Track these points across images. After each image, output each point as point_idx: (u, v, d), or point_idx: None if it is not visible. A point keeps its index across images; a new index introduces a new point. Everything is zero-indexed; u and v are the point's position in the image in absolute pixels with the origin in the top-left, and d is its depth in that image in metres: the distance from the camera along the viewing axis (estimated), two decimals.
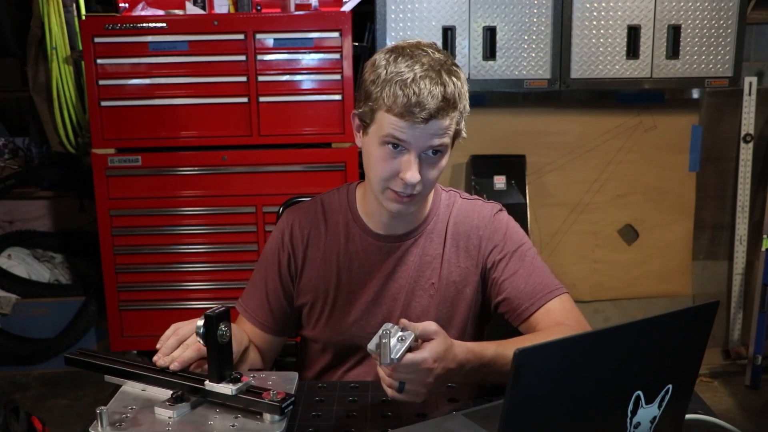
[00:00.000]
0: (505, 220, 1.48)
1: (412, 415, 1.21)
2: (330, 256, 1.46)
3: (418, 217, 1.45)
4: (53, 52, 3.19)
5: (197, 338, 1.17)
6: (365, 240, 1.45)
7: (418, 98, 1.25)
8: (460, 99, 1.30)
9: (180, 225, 3.00)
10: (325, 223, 1.48)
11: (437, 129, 1.28)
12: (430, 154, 1.30)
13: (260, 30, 2.86)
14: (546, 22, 2.99)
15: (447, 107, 1.27)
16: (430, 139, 1.28)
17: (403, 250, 1.45)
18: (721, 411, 3.00)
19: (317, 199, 1.52)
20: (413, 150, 1.29)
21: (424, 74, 1.27)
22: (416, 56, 1.29)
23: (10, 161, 3.75)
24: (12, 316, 3.38)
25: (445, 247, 1.45)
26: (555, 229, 3.40)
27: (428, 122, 1.26)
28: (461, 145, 1.40)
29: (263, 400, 1.13)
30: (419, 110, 1.25)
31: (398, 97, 1.26)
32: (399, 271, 1.44)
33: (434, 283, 1.44)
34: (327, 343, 1.49)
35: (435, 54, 1.31)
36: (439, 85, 1.26)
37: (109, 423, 1.12)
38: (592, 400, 0.91)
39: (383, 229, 1.45)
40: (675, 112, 3.33)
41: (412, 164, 1.28)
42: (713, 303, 0.98)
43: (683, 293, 3.45)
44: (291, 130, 2.91)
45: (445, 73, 1.28)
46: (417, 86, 1.25)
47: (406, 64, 1.28)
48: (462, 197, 1.51)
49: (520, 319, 1.41)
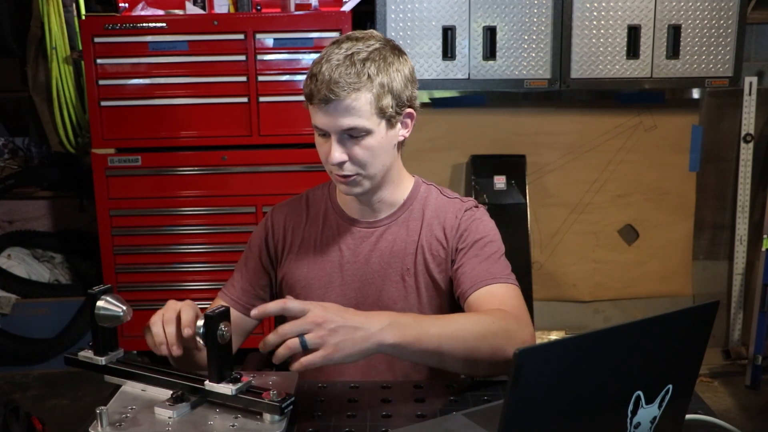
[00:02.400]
0: (477, 215, 1.49)
1: (412, 415, 1.21)
2: (308, 241, 1.51)
3: (391, 203, 1.49)
4: (53, 52, 3.19)
5: (171, 314, 1.20)
6: (340, 224, 1.50)
7: (316, 82, 1.31)
8: (371, 78, 1.31)
9: (180, 225, 3.00)
10: (306, 212, 1.54)
11: (344, 110, 1.31)
12: (350, 137, 1.34)
13: (260, 30, 2.86)
14: (546, 22, 2.99)
15: (346, 86, 1.29)
16: (338, 120, 1.32)
17: (377, 235, 1.48)
18: (721, 411, 3.00)
19: (304, 193, 1.59)
20: (331, 132, 1.34)
21: (329, 59, 1.31)
22: (341, 44, 1.34)
23: (10, 161, 3.74)
24: (12, 316, 3.37)
25: (420, 236, 1.47)
26: (555, 229, 3.40)
27: (329, 103, 1.31)
28: (461, 144, 1.40)
29: (263, 400, 1.13)
30: (317, 92, 1.31)
31: (306, 84, 1.35)
32: (372, 256, 1.48)
33: (409, 269, 1.47)
34: None
35: (367, 41, 1.35)
36: (341, 66, 1.30)
37: (109, 423, 1.12)
38: (592, 400, 0.91)
39: (358, 214, 1.50)
40: (675, 112, 3.33)
41: (332, 146, 1.34)
42: (713, 303, 0.98)
43: (683, 293, 3.45)
44: (291, 130, 2.91)
45: (358, 57, 1.31)
46: (319, 70, 1.31)
47: (328, 52, 1.33)
48: (443, 193, 1.53)
49: (463, 300, 1.42)
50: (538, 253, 3.39)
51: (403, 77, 1.36)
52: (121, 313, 1.19)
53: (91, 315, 1.20)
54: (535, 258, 3.37)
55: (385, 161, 1.40)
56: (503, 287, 1.40)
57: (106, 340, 1.22)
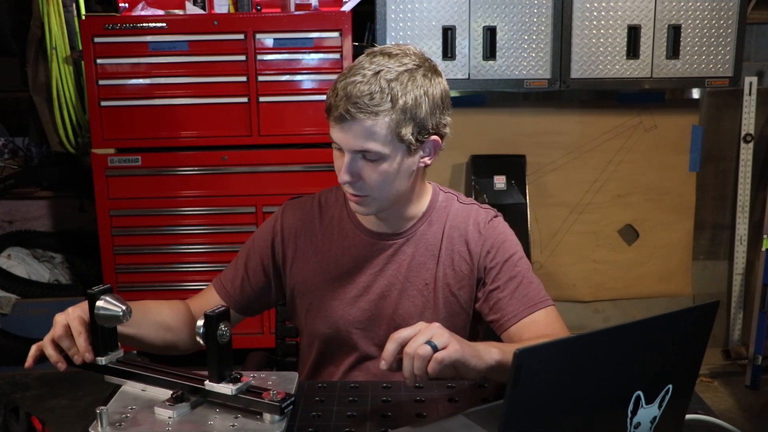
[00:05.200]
0: (500, 227, 1.46)
1: (412, 415, 1.21)
2: (322, 249, 1.47)
3: (409, 217, 1.45)
4: (53, 52, 3.19)
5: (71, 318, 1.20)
6: (357, 236, 1.46)
7: (336, 97, 1.26)
8: (394, 102, 1.25)
9: (180, 225, 3.00)
10: (320, 217, 1.49)
11: (359, 132, 1.26)
12: (363, 158, 1.30)
13: (260, 30, 2.86)
14: (546, 22, 2.99)
15: (365, 108, 1.24)
16: (353, 141, 1.27)
17: (395, 248, 1.44)
18: (721, 411, 3.00)
19: (316, 195, 1.53)
20: (345, 150, 1.30)
21: (355, 74, 1.26)
22: (373, 57, 1.29)
23: (10, 161, 3.74)
24: (12, 316, 3.37)
25: (441, 250, 1.44)
26: (555, 229, 3.40)
27: (344, 122, 1.26)
28: (461, 144, 1.40)
29: (263, 400, 1.13)
30: (335, 107, 1.26)
31: (328, 95, 1.30)
32: (389, 269, 1.44)
33: (428, 284, 1.43)
34: (314, 336, 1.49)
35: (401, 59, 1.28)
36: (364, 84, 1.25)
37: (109, 423, 1.12)
38: (592, 400, 0.91)
39: (375, 226, 1.45)
40: (675, 112, 3.33)
41: (343, 164, 1.30)
42: (713, 303, 0.98)
43: (683, 293, 3.45)
44: (291, 130, 2.91)
45: (386, 76, 1.25)
46: (342, 84, 1.26)
47: (357, 65, 1.29)
48: (459, 201, 1.49)
49: (503, 329, 1.39)
50: (538, 253, 3.39)
51: (430, 103, 1.29)
52: (120, 313, 1.19)
53: (91, 315, 1.20)
54: (535, 258, 3.37)
55: (398, 187, 1.35)
56: (544, 313, 1.38)
57: (106, 340, 1.22)
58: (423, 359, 1.08)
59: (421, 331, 1.11)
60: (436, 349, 1.09)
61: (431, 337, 1.10)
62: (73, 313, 1.21)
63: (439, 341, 1.10)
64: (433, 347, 1.09)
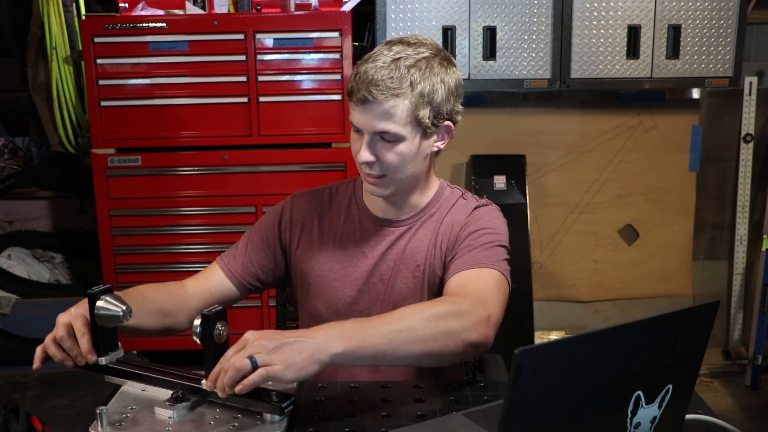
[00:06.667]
0: (483, 211, 1.49)
1: (412, 415, 1.21)
2: (328, 233, 1.52)
3: (415, 205, 1.49)
4: (53, 52, 3.19)
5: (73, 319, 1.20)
6: (363, 221, 1.51)
7: (358, 80, 1.33)
8: (413, 86, 1.32)
9: (180, 225, 3.00)
10: (329, 204, 1.55)
11: (379, 113, 1.32)
12: (382, 139, 1.35)
13: (260, 30, 2.86)
14: (546, 22, 2.99)
15: (386, 90, 1.30)
16: (373, 122, 1.33)
17: (398, 234, 1.49)
18: (721, 411, 3.00)
19: (327, 186, 1.59)
20: (365, 132, 1.36)
21: (376, 59, 1.33)
22: (392, 46, 1.35)
23: (10, 161, 3.74)
24: (12, 316, 3.37)
25: (436, 237, 1.47)
26: (555, 229, 3.40)
27: (366, 104, 1.32)
28: (461, 144, 1.42)
29: (263, 400, 1.13)
30: (357, 90, 1.33)
31: (349, 80, 1.37)
32: (389, 253, 1.48)
33: (419, 266, 1.47)
34: (313, 318, 1.51)
35: (418, 48, 1.35)
36: (385, 69, 1.31)
37: (109, 423, 1.12)
38: (592, 400, 0.91)
39: (381, 212, 1.50)
40: (675, 112, 3.33)
41: (363, 145, 1.36)
42: (713, 303, 0.98)
43: (683, 293, 3.45)
44: (291, 130, 2.91)
45: (405, 62, 1.32)
46: (364, 69, 1.33)
47: (377, 52, 1.35)
48: (464, 197, 1.53)
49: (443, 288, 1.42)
50: (538, 253, 3.39)
51: (446, 89, 1.36)
52: (121, 313, 1.19)
53: (91, 315, 1.20)
54: (535, 258, 3.37)
55: (413, 169, 1.41)
56: (476, 271, 1.37)
57: (106, 340, 1.22)
58: (238, 371, 1.07)
59: (246, 347, 1.10)
60: (255, 366, 1.07)
61: (255, 354, 1.08)
62: (76, 312, 1.22)
63: (261, 358, 1.08)
64: (253, 364, 1.07)
